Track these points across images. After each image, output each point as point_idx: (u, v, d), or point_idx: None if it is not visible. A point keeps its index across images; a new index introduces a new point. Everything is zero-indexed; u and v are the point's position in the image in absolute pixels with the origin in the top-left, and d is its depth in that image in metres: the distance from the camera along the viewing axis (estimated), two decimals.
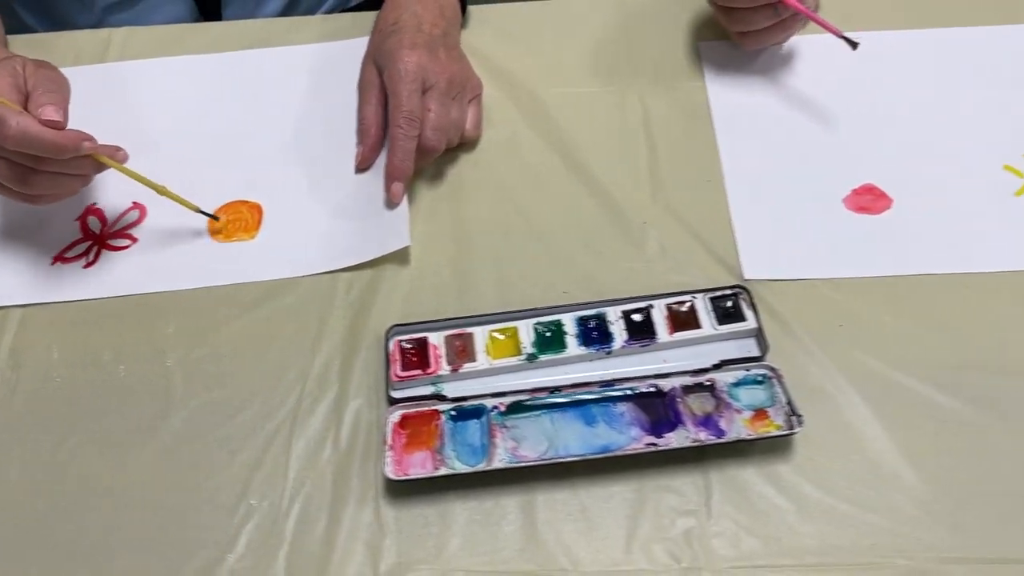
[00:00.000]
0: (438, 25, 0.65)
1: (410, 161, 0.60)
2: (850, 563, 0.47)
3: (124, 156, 0.59)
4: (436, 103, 0.61)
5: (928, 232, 0.59)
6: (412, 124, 0.60)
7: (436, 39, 0.64)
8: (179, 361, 0.56)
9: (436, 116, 0.61)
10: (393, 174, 0.60)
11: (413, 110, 0.60)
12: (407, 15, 0.65)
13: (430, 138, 0.61)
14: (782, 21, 0.64)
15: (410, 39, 0.62)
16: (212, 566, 0.48)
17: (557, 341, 0.55)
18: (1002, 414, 0.51)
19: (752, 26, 0.64)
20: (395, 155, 0.60)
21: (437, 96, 0.61)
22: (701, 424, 0.51)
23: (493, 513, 0.49)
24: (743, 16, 0.64)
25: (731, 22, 0.66)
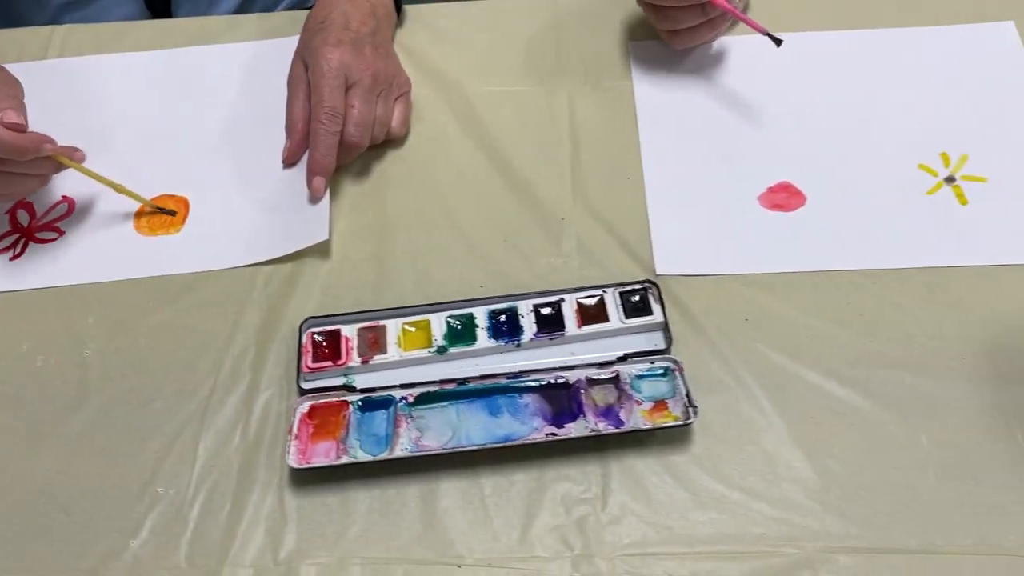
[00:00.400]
0: (367, 24, 0.66)
1: (331, 156, 0.61)
2: (739, 551, 0.47)
3: (81, 156, 0.61)
4: (359, 99, 0.62)
5: (839, 229, 0.60)
6: (333, 120, 0.61)
7: (363, 37, 0.65)
8: (97, 352, 0.57)
9: (359, 112, 0.62)
10: (314, 169, 0.61)
11: (335, 106, 0.61)
12: (336, 13, 0.66)
13: (352, 134, 0.62)
14: (710, 20, 0.65)
15: (336, 37, 0.63)
16: (116, 552, 0.49)
17: (468, 334, 0.56)
18: (899, 409, 0.52)
19: (680, 24, 0.65)
20: (316, 150, 0.61)
21: (361, 93, 0.62)
22: (602, 415, 0.51)
23: (394, 502, 0.50)
24: (671, 15, 0.65)
25: (660, 21, 0.67)
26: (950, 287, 0.56)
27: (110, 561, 0.49)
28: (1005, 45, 0.70)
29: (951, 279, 0.57)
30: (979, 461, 0.50)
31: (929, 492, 0.49)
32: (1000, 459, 0.50)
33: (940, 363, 0.53)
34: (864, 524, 0.48)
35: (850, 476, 0.50)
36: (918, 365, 0.53)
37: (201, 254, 0.61)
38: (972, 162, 0.62)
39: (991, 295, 0.56)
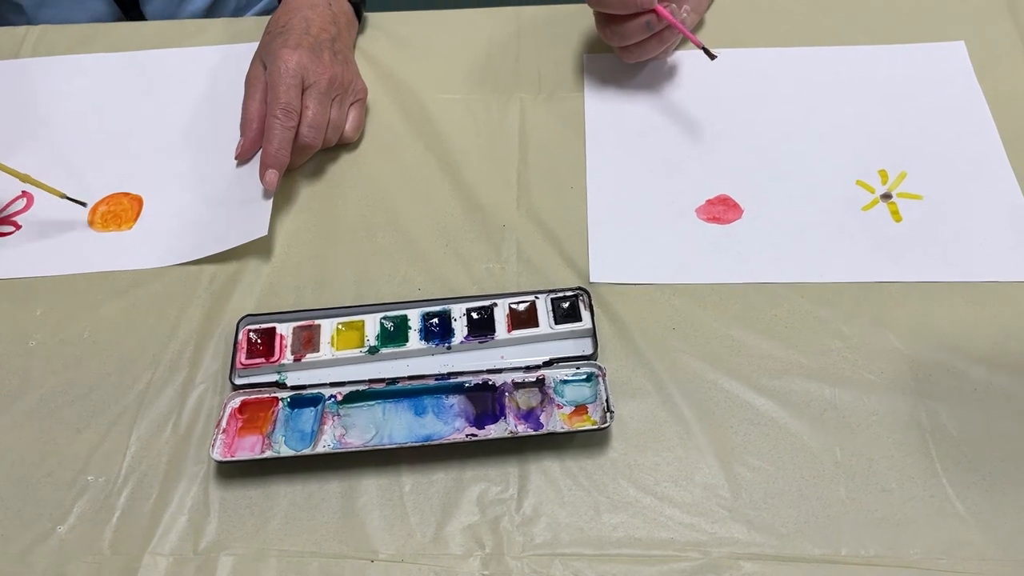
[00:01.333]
0: (327, 31, 0.68)
1: (285, 151, 0.62)
2: (646, 555, 0.48)
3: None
4: (314, 101, 0.64)
5: (772, 243, 0.60)
6: (288, 115, 0.62)
7: (323, 42, 0.67)
8: (42, 343, 0.58)
9: (313, 114, 0.63)
10: (268, 162, 0.62)
11: (290, 102, 0.63)
12: (297, 18, 0.68)
13: (306, 135, 0.63)
14: (658, 34, 0.66)
15: (295, 40, 0.65)
16: (43, 537, 0.50)
17: (400, 335, 0.57)
18: (815, 421, 0.53)
19: (628, 40, 0.67)
20: (270, 144, 0.62)
21: (316, 95, 0.64)
22: (523, 418, 0.53)
23: (315, 497, 0.51)
24: (619, 30, 0.66)
25: (609, 37, 0.68)
26: (877, 302, 0.57)
27: (37, 546, 0.50)
28: (955, 65, 0.70)
29: (879, 294, 0.58)
30: (890, 474, 0.50)
31: (838, 503, 0.50)
32: (911, 473, 0.50)
33: (859, 377, 0.54)
34: (770, 532, 0.49)
35: (760, 485, 0.50)
36: (837, 378, 0.54)
37: (150, 251, 0.63)
38: (910, 180, 0.63)
39: (917, 311, 0.57)
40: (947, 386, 0.53)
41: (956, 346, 0.55)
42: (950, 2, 0.75)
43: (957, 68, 0.70)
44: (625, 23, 0.65)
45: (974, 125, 0.66)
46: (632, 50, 0.68)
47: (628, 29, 0.66)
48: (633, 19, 0.65)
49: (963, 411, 0.52)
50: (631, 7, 0.64)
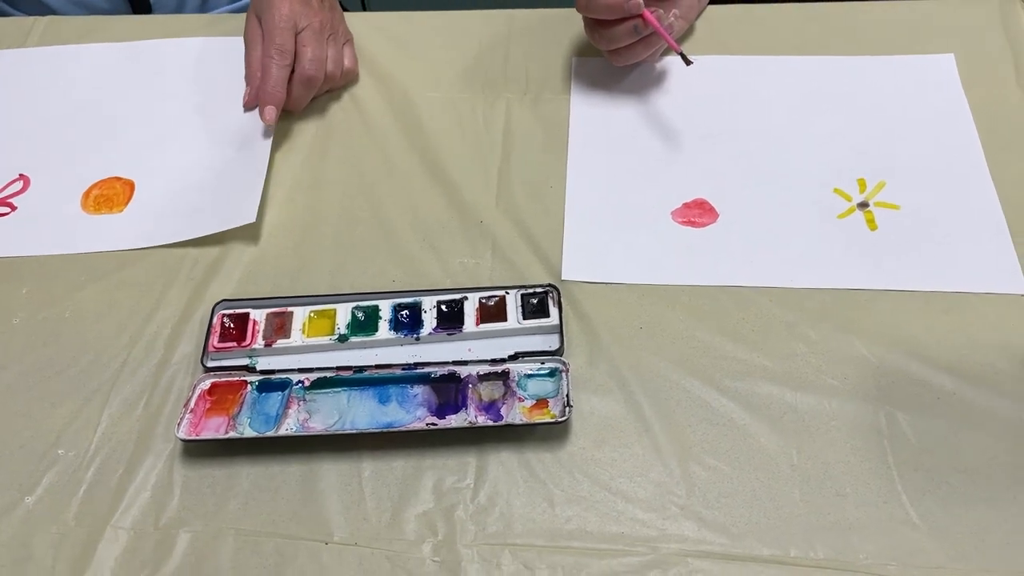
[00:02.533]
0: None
1: (281, 88, 0.68)
2: (596, 548, 0.49)
3: None
4: (311, 40, 0.69)
5: (745, 247, 0.61)
6: (282, 55, 0.68)
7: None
8: (25, 320, 0.60)
9: (312, 50, 0.69)
10: (265, 99, 0.68)
11: (284, 44, 0.68)
12: None
13: (307, 68, 0.68)
14: (644, 39, 0.67)
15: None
16: (11, 507, 0.52)
17: (370, 324, 0.58)
18: (774, 424, 0.53)
19: (616, 43, 0.67)
20: (267, 83, 0.67)
21: (311, 34, 0.69)
22: (484, 409, 0.53)
23: (276, 479, 0.52)
24: (607, 34, 0.67)
25: (597, 40, 0.69)
26: (846, 308, 0.57)
27: (5, 515, 0.51)
28: (943, 78, 0.70)
29: (848, 300, 0.58)
30: (845, 478, 0.50)
31: (790, 505, 0.50)
32: (866, 478, 0.50)
33: (822, 381, 0.54)
34: (720, 531, 0.49)
35: (714, 484, 0.51)
36: (799, 382, 0.54)
37: (138, 233, 0.64)
38: (889, 189, 0.63)
39: (884, 319, 0.57)
40: (910, 394, 0.53)
41: (922, 355, 0.55)
42: (943, 15, 0.75)
43: (945, 81, 0.70)
44: (613, 27, 0.66)
45: (958, 138, 0.66)
46: (620, 53, 0.69)
47: (616, 33, 0.66)
48: (621, 23, 0.66)
49: (924, 420, 0.52)
50: (618, 12, 0.64)
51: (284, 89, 0.68)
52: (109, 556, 0.50)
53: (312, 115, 0.72)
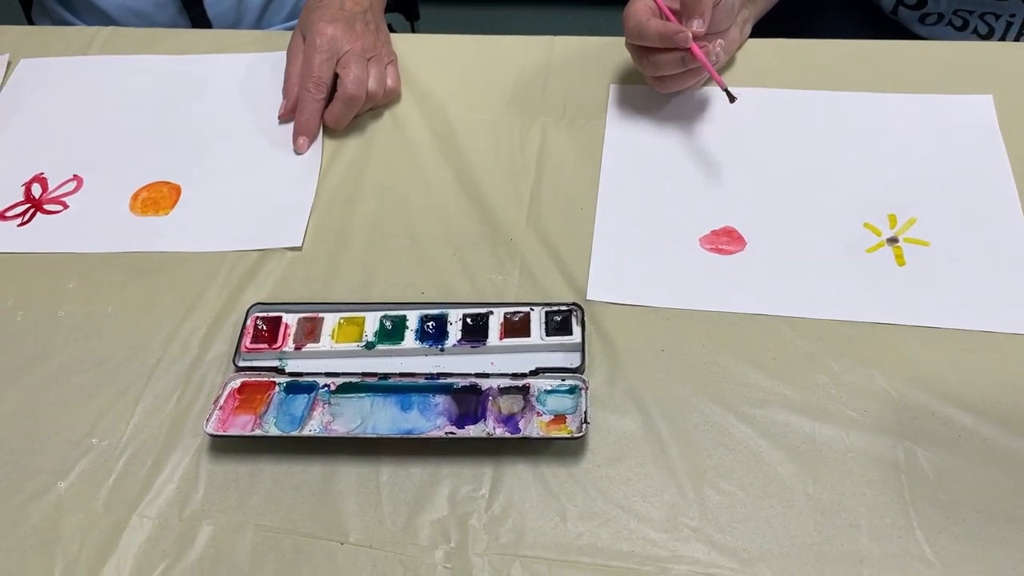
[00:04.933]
0: (360, 4, 0.75)
1: (315, 120, 0.71)
2: (604, 565, 0.49)
3: None
4: (353, 61, 0.71)
5: (771, 277, 0.61)
6: (319, 88, 0.70)
7: (355, 15, 0.74)
8: (69, 314, 0.63)
9: (354, 70, 0.71)
10: (299, 129, 0.71)
11: (321, 76, 0.70)
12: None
13: (349, 88, 0.71)
14: (691, 69, 0.68)
15: (331, 14, 0.72)
16: (45, 489, 0.54)
17: (397, 334, 0.59)
18: (792, 452, 0.53)
19: (662, 71, 0.68)
20: (302, 113, 0.71)
21: (352, 57, 0.71)
22: (502, 421, 0.54)
23: (297, 477, 0.54)
24: (655, 61, 0.68)
25: (645, 67, 0.70)
26: (869, 342, 0.57)
27: (37, 499, 0.54)
28: (980, 118, 0.70)
29: (872, 334, 0.58)
30: (860, 510, 0.50)
31: (804, 534, 0.50)
32: (881, 512, 0.50)
33: (841, 413, 0.54)
34: (731, 555, 0.49)
35: (728, 508, 0.51)
36: (819, 412, 0.54)
37: (182, 237, 0.67)
38: (919, 226, 0.63)
39: (908, 354, 0.57)
40: (929, 430, 0.53)
41: (944, 392, 0.55)
42: (984, 57, 0.75)
43: (982, 121, 0.70)
44: (660, 55, 0.67)
45: (992, 179, 0.66)
46: (665, 81, 0.70)
47: (663, 61, 0.67)
48: (668, 52, 0.67)
49: (943, 456, 0.52)
50: (667, 42, 0.65)
51: (318, 121, 0.72)
52: (133, 543, 0.51)
53: (354, 131, 0.74)
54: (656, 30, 0.65)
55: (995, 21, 0.88)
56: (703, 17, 0.64)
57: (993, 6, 0.86)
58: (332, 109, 0.72)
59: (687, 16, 0.65)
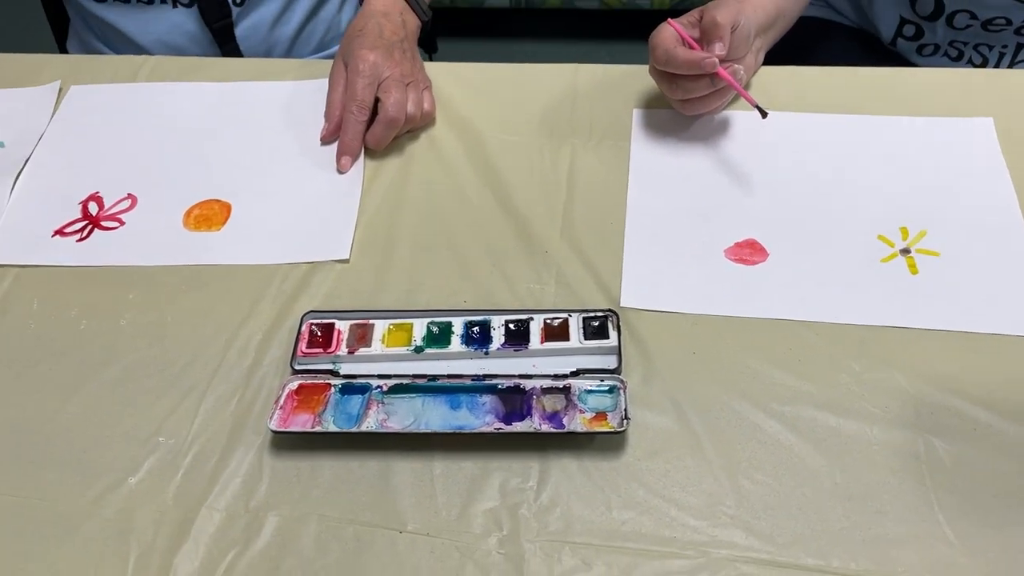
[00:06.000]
0: (397, 34, 0.80)
1: (357, 141, 0.76)
2: (649, 550, 0.53)
3: None
4: (393, 87, 0.76)
5: (792, 285, 0.65)
6: (362, 111, 0.75)
7: (393, 44, 0.79)
8: (131, 322, 0.66)
9: (394, 94, 0.75)
10: (343, 149, 0.76)
11: (364, 100, 0.75)
12: (372, 24, 0.80)
13: (390, 111, 0.75)
14: (718, 90, 0.72)
15: (371, 42, 0.77)
16: (116, 484, 0.57)
17: (444, 338, 0.63)
18: (819, 445, 0.57)
19: (691, 94, 0.72)
20: (346, 134, 0.75)
21: (392, 83, 0.76)
22: (547, 418, 0.58)
23: (354, 472, 0.57)
24: (683, 85, 0.72)
25: (672, 91, 0.74)
26: (886, 344, 0.61)
27: (110, 493, 0.57)
28: (983, 139, 0.75)
29: (889, 337, 0.62)
30: (885, 498, 0.54)
31: (834, 519, 0.53)
32: (905, 498, 0.54)
33: (864, 409, 0.58)
34: (768, 540, 0.53)
35: (762, 497, 0.54)
36: (843, 409, 0.58)
37: (235, 251, 0.71)
38: (929, 238, 0.68)
39: (923, 355, 0.61)
40: (947, 424, 0.57)
41: (958, 389, 0.59)
42: (984, 82, 0.80)
43: (984, 142, 0.75)
44: (689, 80, 0.71)
45: (996, 194, 0.71)
46: (693, 104, 0.73)
47: (692, 85, 0.71)
48: (697, 77, 0.71)
49: (960, 447, 0.56)
50: (695, 69, 0.69)
51: (361, 141, 0.76)
52: (204, 533, 0.54)
53: (393, 152, 0.78)
54: (684, 59, 0.69)
55: (988, 52, 0.93)
56: (723, 40, 0.69)
57: (986, 37, 0.92)
58: (374, 131, 0.76)
59: (707, 42, 0.70)
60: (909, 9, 0.93)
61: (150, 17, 0.97)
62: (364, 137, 0.77)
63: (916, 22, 0.94)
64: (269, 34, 1.00)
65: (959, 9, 0.89)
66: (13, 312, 0.67)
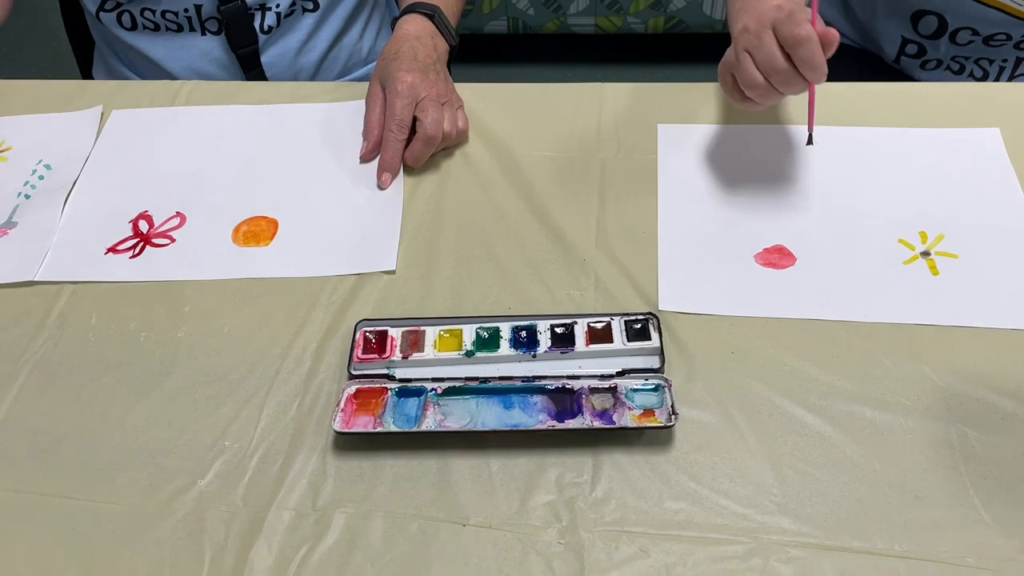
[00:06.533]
0: (430, 56, 0.84)
1: (397, 158, 0.79)
2: (703, 537, 0.55)
3: None
4: (430, 106, 0.79)
5: (821, 287, 0.69)
6: (401, 129, 0.79)
7: (428, 66, 0.82)
8: (188, 334, 0.69)
9: (432, 113, 0.79)
10: (383, 166, 0.79)
11: (403, 119, 0.79)
12: (406, 47, 0.83)
13: (428, 129, 0.79)
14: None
15: (407, 65, 0.81)
16: (187, 487, 0.59)
17: (493, 342, 0.66)
18: (857, 436, 0.60)
19: (769, 98, 0.69)
20: (386, 151, 0.79)
21: (430, 103, 0.79)
22: (598, 416, 0.61)
23: (415, 471, 0.60)
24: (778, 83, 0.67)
25: (741, 102, 0.71)
26: (915, 341, 0.65)
27: (181, 495, 0.59)
28: (990, 148, 0.79)
29: (917, 334, 0.65)
30: (922, 483, 0.57)
31: (875, 505, 0.56)
32: (941, 484, 0.57)
33: (898, 402, 0.61)
34: (814, 525, 0.56)
35: (806, 486, 0.57)
36: (878, 402, 0.61)
37: (285, 264, 0.73)
38: (947, 241, 0.71)
39: (950, 351, 0.64)
40: (976, 414, 0.60)
41: (985, 382, 0.62)
42: (990, 95, 0.84)
43: (993, 150, 0.79)
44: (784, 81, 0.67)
45: (1006, 199, 0.75)
46: (754, 102, 0.70)
47: (786, 83, 0.67)
48: (791, 80, 0.66)
49: (990, 436, 0.59)
50: (823, 45, 0.64)
51: (400, 159, 0.80)
52: (275, 531, 0.57)
53: (430, 169, 0.82)
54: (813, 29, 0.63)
55: (989, 65, 0.98)
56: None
57: (987, 52, 0.96)
58: (412, 148, 0.80)
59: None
60: (911, 29, 0.98)
61: (179, 44, 1.00)
62: (403, 155, 0.80)
63: (919, 41, 0.98)
64: (294, 61, 1.03)
65: (962, 27, 0.94)
66: (72, 326, 0.70)
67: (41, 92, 0.92)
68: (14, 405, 0.65)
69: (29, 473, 0.61)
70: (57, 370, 0.67)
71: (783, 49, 0.65)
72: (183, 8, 0.97)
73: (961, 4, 0.91)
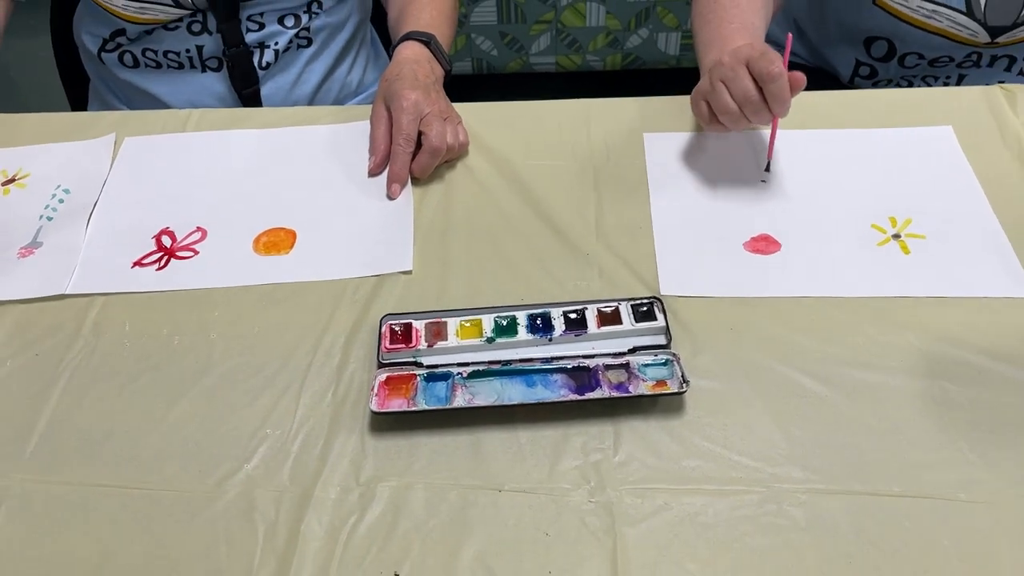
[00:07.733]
0: (429, 77, 0.90)
1: (405, 170, 0.85)
2: (720, 489, 0.60)
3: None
4: (434, 120, 0.85)
5: (807, 268, 0.75)
6: (408, 143, 0.84)
7: (428, 85, 0.89)
8: (220, 335, 0.73)
9: (436, 127, 0.85)
10: (392, 178, 0.85)
11: (410, 133, 0.84)
12: (407, 69, 0.89)
13: (434, 141, 0.84)
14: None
15: (410, 84, 0.87)
16: (234, 471, 0.63)
17: (511, 329, 0.71)
18: (850, 395, 0.66)
19: (739, 124, 0.78)
20: (395, 164, 0.85)
21: (433, 118, 0.85)
22: (615, 388, 0.66)
23: (449, 446, 0.64)
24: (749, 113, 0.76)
25: (713, 122, 0.80)
26: (895, 311, 0.71)
27: (229, 479, 0.63)
28: (945, 143, 0.87)
29: (896, 305, 0.72)
30: (913, 432, 0.63)
31: (873, 453, 0.62)
32: (930, 433, 0.63)
33: (883, 364, 0.67)
34: (820, 473, 0.61)
35: (810, 440, 0.63)
36: (866, 365, 0.68)
37: (306, 270, 0.78)
38: (915, 224, 0.79)
39: (927, 318, 0.71)
40: (955, 371, 0.67)
41: (960, 342, 0.69)
42: (939, 99, 0.93)
43: (948, 145, 0.87)
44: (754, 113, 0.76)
45: (962, 186, 0.82)
46: (725, 126, 0.79)
47: (756, 116, 0.76)
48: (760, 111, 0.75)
49: (968, 389, 0.65)
50: (791, 86, 0.74)
51: (407, 170, 0.85)
52: (323, 505, 0.61)
53: (435, 180, 0.87)
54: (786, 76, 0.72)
55: (935, 82, 1.07)
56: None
57: (932, 71, 1.05)
58: (419, 160, 0.85)
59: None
60: (865, 53, 1.06)
61: (181, 80, 1.05)
62: (410, 167, 0.85)
63: (870, 63, 1.07)
64: (289, 94, 1.08)
65: (909, 51, 1.03)
66: (107, 333, 0.73)
67: (53, 124, 0.95)
68: (58, 406, 0.68)
69: (81, 468, 0.64)
70: (96, 374, 0.70)
71: (756, 82, 0.74)
72: (185, 48, 1.03)
73: (908, 32, 1.00)
